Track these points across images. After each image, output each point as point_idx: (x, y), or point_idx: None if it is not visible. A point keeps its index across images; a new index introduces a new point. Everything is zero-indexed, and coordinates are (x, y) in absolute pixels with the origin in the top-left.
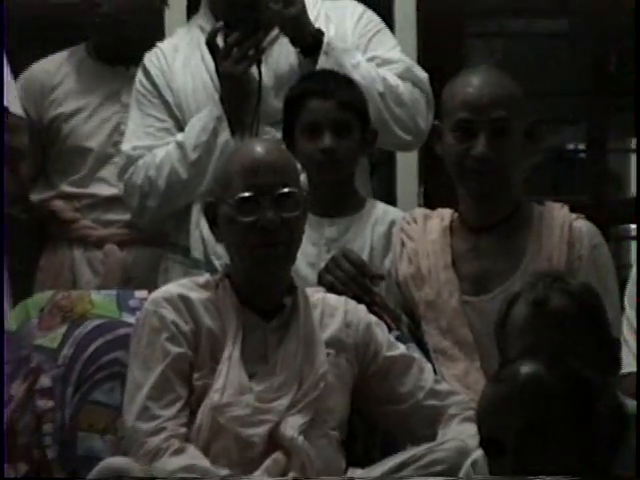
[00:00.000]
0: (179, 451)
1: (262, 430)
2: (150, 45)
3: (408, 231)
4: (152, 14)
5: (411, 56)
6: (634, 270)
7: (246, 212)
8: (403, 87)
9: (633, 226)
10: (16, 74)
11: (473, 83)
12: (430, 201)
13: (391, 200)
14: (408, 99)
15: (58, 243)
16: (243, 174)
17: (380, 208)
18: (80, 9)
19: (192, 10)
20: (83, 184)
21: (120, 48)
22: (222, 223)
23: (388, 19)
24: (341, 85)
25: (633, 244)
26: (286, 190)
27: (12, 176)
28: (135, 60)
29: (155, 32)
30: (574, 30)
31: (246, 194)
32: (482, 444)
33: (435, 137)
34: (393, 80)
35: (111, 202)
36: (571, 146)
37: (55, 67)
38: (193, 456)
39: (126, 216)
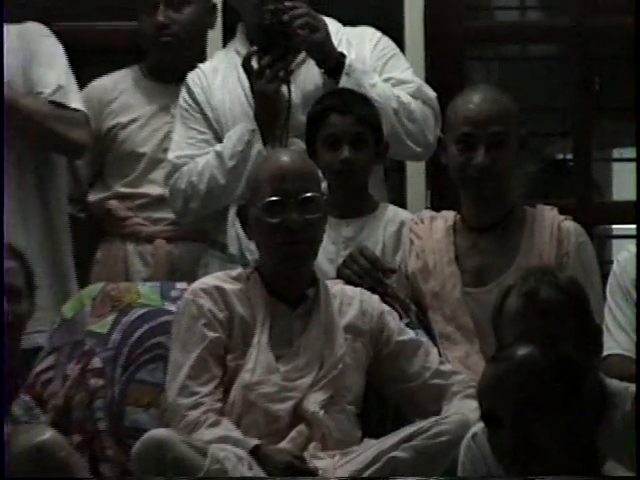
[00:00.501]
0: (215, 423)
1: (287, 405)
2: (194, 65)
3: (416, 230)
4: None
5: (420, 77)
6: (615, 265)
7: (273, 214)
8: (415, 105)
9: (615, 226)
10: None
11: (474, 101)
12: (436, 204)
13: (401, 203)
14: (419, 116)
15: (113, 238)
16: (271, 180)
17: (391, 210)
18: (146, 33)
19: (227, 34)
20: (136, 185)
21: (173, 67)
22: (252, 223)
23: (399, 44)
24: (358, 102)
25: (614, 242)
26: (309, 195)
27: (72, 179)
28: (183, 77)
29: (198, 53)
30: (563, 54)
31: (273, 198)
32: (482, 418)
33: (440, 148)
34: (406, 99)
35: (160, 202)
36: (560, 156)
37: (112, 84)
38: (227, 428)
39: (168, 212)
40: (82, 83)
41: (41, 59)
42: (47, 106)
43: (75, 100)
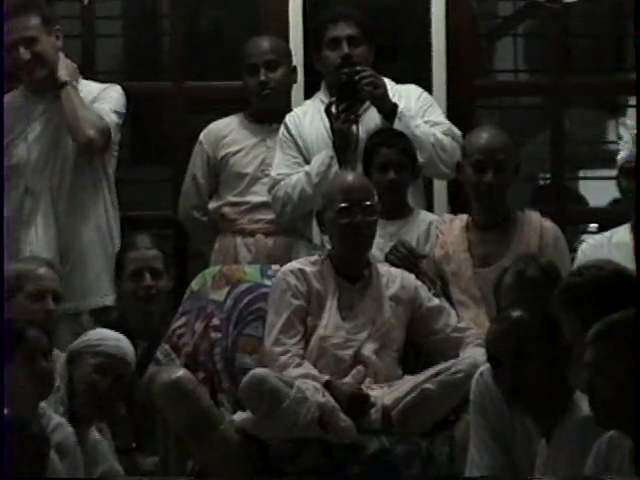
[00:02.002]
0: (298, 365)
1: (350, 352)
2: (286, 109)
3: (441, 228)
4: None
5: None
6: (579, 252)
7: (344, 216)
8: (446, 140)
9: (583, 226)
10: (197, 134)
11: (483, 137)
12: (454, 209)
13: (430, 208)
14: (449, 148)
15: (226, 234)
16: (342, 192)
17: (423, 214)
18: (251, 89)
19: (308, 89)
20: (242, 196)
21: (268, 112)
22: (328, 223)
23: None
24: (399, 139)
25: (583, 237)
26: (369, 203)
27: (196, 193)
28: (275, 119)
29: (286, 102)
30: (543, 105)
31: (344, 205)
32: (488, 360)
33: (459, 170)
34: (440, 136)
35: (260, 207)
36: (541, 175)
37: (225, 125)
38: (307, 368)
39: (270, 216)
40: (204, 125)
41: (104, 98)
42: (85, 105)
43: (107, 115)
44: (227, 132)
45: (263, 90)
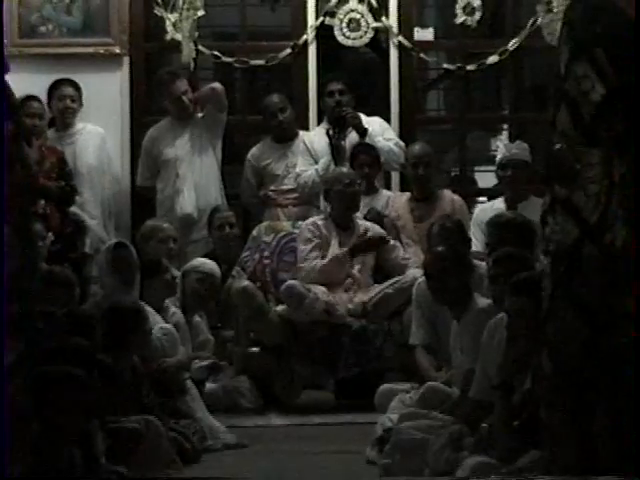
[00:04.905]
0: (314, 277)
1: (344, 270)
2: (301, 130)
3: (394, 200)
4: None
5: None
6: (474, 215)
7: (341, 192)
8: (396, 149)
9: (479, 198)
10: (243, 158)
11: (417, 148)
12: (402, 189)
13: (388, 188)
14: (398, 154)
15: (270, 208)
16: (339, 179)
17: (384, 191)
18: (268, 121)
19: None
20: (278, 185)
21: (286, 137)
22: (330, 197)
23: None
24: (369, 148)
25: (477, 205)
26: (357, 185)
27: (249, 189)
28: (291, 139)
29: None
30: (454, 130)
31: (339, 187)
32: (425, 275)
33: (404, 167)
34: (393, 147)
35: (288, 191)
36: (452, 169)
37: (260, 145)
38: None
39: (294, 195)
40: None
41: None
42: None
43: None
44: (263, 150)
45: (282, 124)
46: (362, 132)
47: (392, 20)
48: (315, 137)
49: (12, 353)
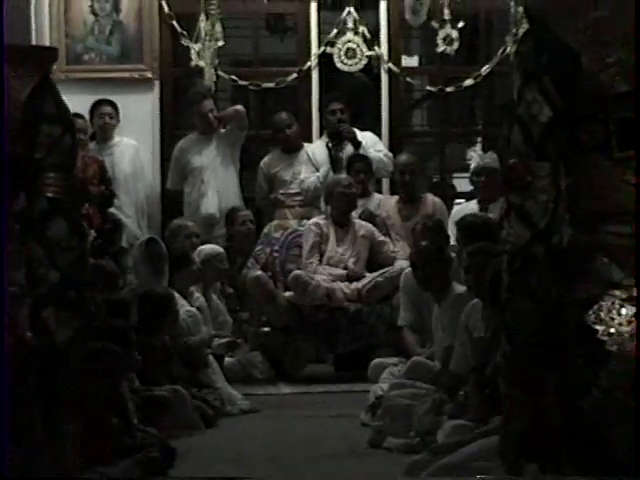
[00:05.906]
0: (316, 270)
1: (341, 263)
2: (305, 142)
3: (384, 202)
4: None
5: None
6: (452, 214)
7: (339, 194)
8: (386, 159)
9: (457, 200)
10: (257, 166)
11: (404, 157)
12: (392, 193)
13: (379, 192)
14: (387, 163)
15: (280, 209)
16: (338, 184)
17: (376, 194)
18: (277, 135)
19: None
20: (286, 190)
21: (292, 148)
22: (330, 200)
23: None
24: (363, 158)
25: (453, 206)
26: (354, 189)
27: (262, 193)
28: (297, 150)
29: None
30: (434, 143)
31: (339, 190)
32: (410, 266)
33: (392, 174)
34: (383, 157)
35: (295, 194)
36: (434, 176)
37: (270, 156)
38: (322, 272)
39: (300, 198)
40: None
41: None
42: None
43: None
44: (273, 159)
45: (289, 138)
46: (357, 145)
47: (383, 49)
48: (316, 149)
49: (70, 330)
